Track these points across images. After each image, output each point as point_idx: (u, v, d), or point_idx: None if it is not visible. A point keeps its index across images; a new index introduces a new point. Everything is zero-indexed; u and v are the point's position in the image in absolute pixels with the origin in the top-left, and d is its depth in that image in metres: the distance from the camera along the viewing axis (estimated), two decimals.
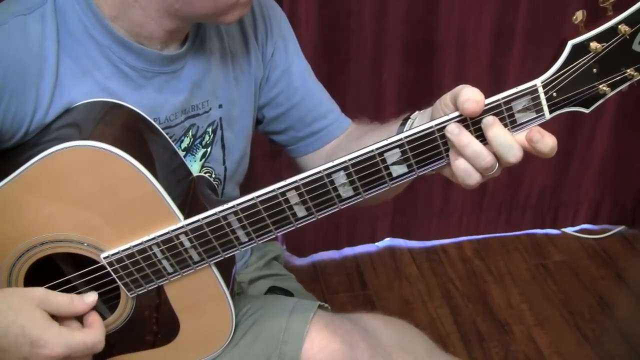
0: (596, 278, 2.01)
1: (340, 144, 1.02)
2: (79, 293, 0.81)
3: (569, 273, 2.03)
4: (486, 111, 0.69)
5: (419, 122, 0.78)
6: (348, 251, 2.10)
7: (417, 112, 0.80)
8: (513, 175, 2.05)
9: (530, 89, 0.68)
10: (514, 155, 0.69)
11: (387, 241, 2.14)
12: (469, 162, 0.70)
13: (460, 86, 0.69)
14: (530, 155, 0.71)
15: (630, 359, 1.74)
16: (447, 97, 0.71)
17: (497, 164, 0.70)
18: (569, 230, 2.21)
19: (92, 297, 0.79)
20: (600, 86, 0.69)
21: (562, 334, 1.80)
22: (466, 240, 2.16)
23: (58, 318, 0.77)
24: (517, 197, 2.13)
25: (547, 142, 0.69)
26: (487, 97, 0.69)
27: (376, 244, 2.12)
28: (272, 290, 1.09)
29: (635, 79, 0.68)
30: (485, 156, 0.69)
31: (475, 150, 0.69)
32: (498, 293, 1.94)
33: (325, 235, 2.03)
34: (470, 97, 0.67)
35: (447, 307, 1.89)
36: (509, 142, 0.68)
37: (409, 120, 0.80)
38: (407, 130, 0.77)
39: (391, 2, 1.72)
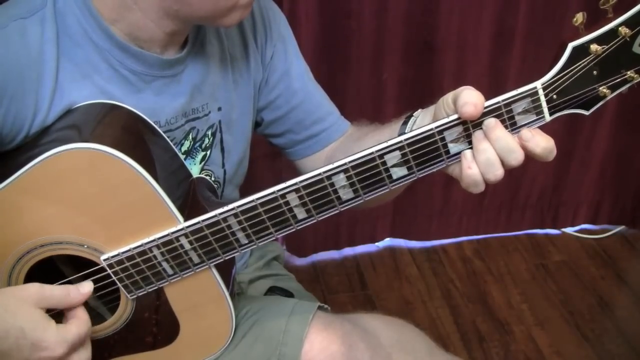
0: (596, 278, 2.01)
1: (339, 146, 1.02)
2: None
3: (569, 273, 2.03)
4: (486, 113, 0.69)
5: (422, 120, 0.78)
6: (348, 251, 2.10)
7: (419, 110, 0.80)
8: (513, 176, 2.05)
9: (531, 91, 0.68)
10: (515, 158, 0.69)
11: (387, 241, 2.13)
12: (480, 169, 0.70)
13: (462, 88, 0.69)
14: (530, 156, 0.71)
15: (630, 359, 1.74)
16: (449, 97, 0.71)
17: (503, 174, 0.70)
18: (569, 230, 2.21)
19: (87, 287, 0.78)
20: (601, 88, 0.69)
21: (562, 334, 1.80)
22: (466, 240, 2.16)
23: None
24: (517, 197, 2.13)
25: (538, 143, 0.69)
26: (487, 98, 0.69)
27: (376, 244, 2.12)
28: (272, 290, 1.09)
29: (636, 81, 0.68)
30: (497, 168, 0.69)
31: (490, 158, 0.69)
32: (498, 293, 1.94)
33: (325, 235, 2.03)
34: (469, 100, 0.67)
35: (447, 307, 1.89)
36: (511, 146, 0.68)
37: (412, 117, 0.80)
38: (409, 129, 0.78)
39: (391, 2, 1.71)
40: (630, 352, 1.75)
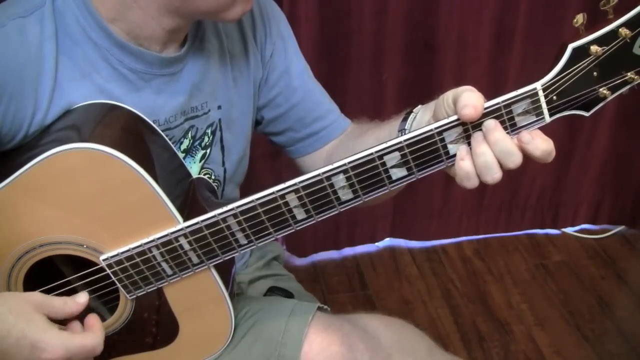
0: (596, 278, 2.01)
1: (340, 143, 1.02)
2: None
3: (569, 273, 2.03)
4: (486, 114, 0.69)
5: (421, 117, 0.78)
6: (348, 251, 2.10)
7: (419, 106, 0.80)
8: (513, 176, 2.05)
9: (531, 92, 0.68)
10: (512, 161, 0.69)
11: (387, 241, 2.13)
12: (478, 171, 0.70)
13: (462, 88, 0.69)
14: (529, 158, 0.71)
15: (630, 359, 1.74)
16: (449, 97, 0.71)
17: (500, 176, 0.70)
18: (569, 230, 2.21)
19: (83, 298, 0.80)
20: (601, 89, 0.68)
21: (562, 334, 1.80)
22: (466, 240, 2.16)
23: (62, 321, 0.78)
24: (517, 197, 2.13)
25: (538, 145, 0.68)
26: (487, 98, 0.69)
27: (376, 244, 2.12)
28: (272, 290, 1.09)
29: (636, 82, 0.68)
30: (495, 171, 0.69)
31: (488, 160, 0.69)
32: (498, 293, 1.94)
33: (325, 235, 2.03)
34: (469, 102, 0.67)
35: (447, 307, 1.89)
36: (509, 148, 0.68)
37: (412, 114, 0.80)
38: (408, 125, 0.78)
39: (391, 2, 1.71)
40: (630, 352, 1.75)
